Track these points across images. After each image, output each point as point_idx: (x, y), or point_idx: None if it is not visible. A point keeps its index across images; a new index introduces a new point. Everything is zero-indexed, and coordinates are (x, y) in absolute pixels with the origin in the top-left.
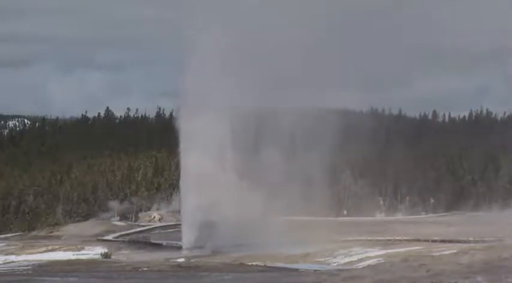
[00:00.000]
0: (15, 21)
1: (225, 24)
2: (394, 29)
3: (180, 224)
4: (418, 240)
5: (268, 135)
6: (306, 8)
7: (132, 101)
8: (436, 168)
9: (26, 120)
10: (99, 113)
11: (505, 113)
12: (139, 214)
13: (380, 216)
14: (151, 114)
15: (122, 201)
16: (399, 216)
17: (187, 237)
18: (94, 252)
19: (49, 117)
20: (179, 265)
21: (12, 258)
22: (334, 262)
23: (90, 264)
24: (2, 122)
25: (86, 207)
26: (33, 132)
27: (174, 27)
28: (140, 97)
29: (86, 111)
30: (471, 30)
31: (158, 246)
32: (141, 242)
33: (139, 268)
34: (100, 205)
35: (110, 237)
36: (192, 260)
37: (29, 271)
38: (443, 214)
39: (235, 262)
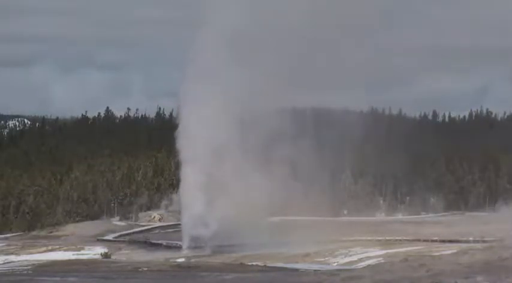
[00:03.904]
0: (15, 21)
1: (225, 24)
2: (394, 29)
3: (180, 224)
4: (418, 240)
5: (268, 135)
6: (305, 9)
7: (132, 101)
8: (436, 168)
9: (26, 120)
10: (99, 113)
11: (505, 113)
12: (139, 214)
13: (380, 216)
14: (151, 114)
15: (122, 201)
16: (399, 216)
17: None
18: (94, 252)
19: (49, 117)
20: (179, 265)
21: (12, 258)
22: (334, 262)
23: (90, 264)
24: (2, 122)
25: (86, 207)
26: (33, 132)
27: (174, 27)
28: (140, 97)
29: (86, 111)
30: (471, 30)
31: (158, 246)
32: (141, 242)
33: (139, 268)
34: (100, 205)
35: (110, 237)
36: (192, 260)
37: (29, 271)
38: (443, 214)
39: (235, 262)
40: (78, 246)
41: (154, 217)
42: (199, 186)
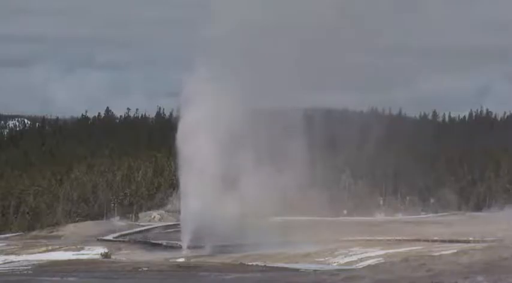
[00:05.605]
0: (15, 21)
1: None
2: (395, 29)
3: (180, 224)
4: (418, 240)
5: (270, 134)
6: (305, 8)
7: (132, 101)
8: (436, 168)
9: (26, 120)
10: (99, 113)
11: (505, 113)
12: (139, 214)
13: (380, 216)
14: (151, 114)
15: (122, 201)
16: (399, 216)
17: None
18: (94, 252)
19: (49, 117)
20: (179, 265)
21: (12, 258)
22: (334, 262)
23: (90, 264)
24: (2, 122)
25: (86, 207)
26: (33, 132)
27: (174, 27)
28: (140, 97)
29: (86, 111)
30: (471, 30)
31: (158, 246)
32: (141, 242)
33: (139, 268)
34: (100, 205)
35: (110, 237)
36: (192, 260)
37: (29, 271)
38: (443, 214)
39: (235, 262)
40: (78, 246)
41: (154, 217)
42: (200, 185)
